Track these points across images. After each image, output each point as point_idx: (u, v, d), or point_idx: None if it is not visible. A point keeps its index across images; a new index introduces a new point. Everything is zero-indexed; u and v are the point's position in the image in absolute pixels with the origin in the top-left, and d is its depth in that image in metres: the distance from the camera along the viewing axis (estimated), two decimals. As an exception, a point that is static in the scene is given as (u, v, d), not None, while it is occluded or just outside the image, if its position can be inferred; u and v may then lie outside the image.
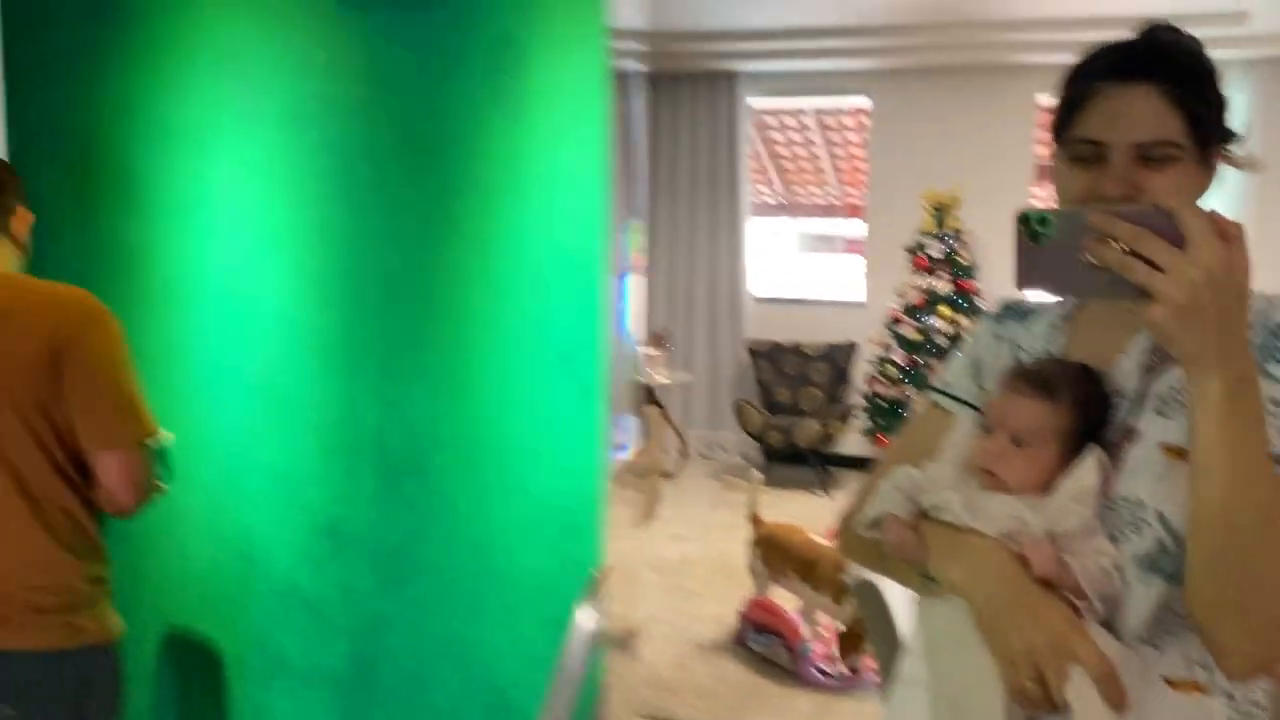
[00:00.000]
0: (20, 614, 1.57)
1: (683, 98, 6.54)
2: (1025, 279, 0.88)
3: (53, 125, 2.35)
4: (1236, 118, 1.02)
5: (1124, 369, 1.03)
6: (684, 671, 3.63)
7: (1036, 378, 1.04)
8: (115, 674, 1.68)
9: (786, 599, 3.74)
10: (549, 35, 1.95)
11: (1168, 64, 0.97)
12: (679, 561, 4.80)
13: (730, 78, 6.40)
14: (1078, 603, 0.95)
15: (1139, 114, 0.96)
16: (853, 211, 8.74)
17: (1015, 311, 1.19)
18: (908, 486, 1.07)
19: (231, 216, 2.21)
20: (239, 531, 2.28)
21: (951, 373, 1.19)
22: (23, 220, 1.66)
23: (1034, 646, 0.92)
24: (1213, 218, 0.81)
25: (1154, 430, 0.98)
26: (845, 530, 1.18)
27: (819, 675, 3.54)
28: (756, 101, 6.74)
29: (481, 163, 2.02)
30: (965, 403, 1.15)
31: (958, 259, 5.81)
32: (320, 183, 2.14)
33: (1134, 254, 0.81)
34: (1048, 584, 0.95)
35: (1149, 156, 0.96)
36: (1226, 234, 0.80)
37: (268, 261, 2.19)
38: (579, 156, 1.94)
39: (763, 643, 3.71)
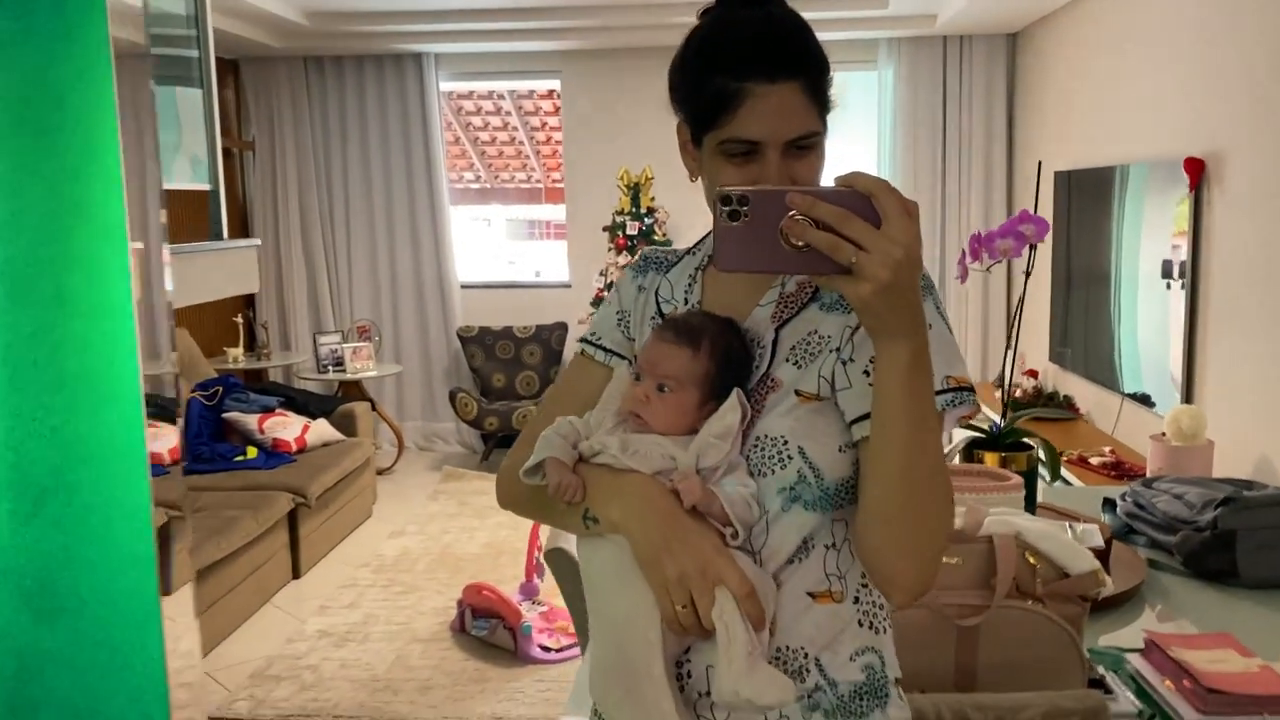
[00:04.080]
0: None
1: (372, 81, 6.32)
2: (725, 258, 0.89)
3: None
4: (882, 92, 1.09)
5: (758, 319, 1.09)
6: (405, 669, 3.53)
7: (681, 328, 1.07)
8: None
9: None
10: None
11: (805, 58, 1.02)
12: (398, 557, 4.67)
13: (418, 59, 6.25)
14: (723, 530, 1.00)
15: (789, 112, 1.00)
16: (555, 196, 8.83)
17: (656, 263, 1.22)
18: (568, 433, 1.08)
19: None
20: None
21: (599, 325, 1.21)
22: None
23: (685, 573, 0.97)
24: (899, 197, 0.85)
25: (789, 377, 1.05)
26: (505, 481, 1.18)
27: (542, 652, 3.56)
28: (449, 84, 6.64)
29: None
30: (613, 352, 1.18)
31: (654, 236, 6.01)
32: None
33: (834, 233, 0.84)
34: (697, 515, 1.00)
35: (798, 146, 1.02)
36: (910, 212, 0.85)
37: None
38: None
39: (483, 627, 3.68)
